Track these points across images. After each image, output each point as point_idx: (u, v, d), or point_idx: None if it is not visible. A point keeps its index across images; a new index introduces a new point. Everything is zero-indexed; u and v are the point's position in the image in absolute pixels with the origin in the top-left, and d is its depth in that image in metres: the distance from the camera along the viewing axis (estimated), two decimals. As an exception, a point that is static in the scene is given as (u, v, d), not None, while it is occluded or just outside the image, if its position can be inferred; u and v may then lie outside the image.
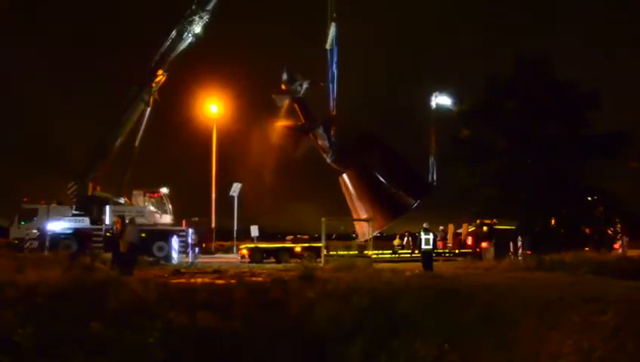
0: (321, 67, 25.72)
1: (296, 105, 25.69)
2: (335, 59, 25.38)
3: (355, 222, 25.88)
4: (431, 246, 18.83)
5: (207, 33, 26.49)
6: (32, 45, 69.96)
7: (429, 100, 28.66)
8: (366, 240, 23.88)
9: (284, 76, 25.49)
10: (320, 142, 25.45)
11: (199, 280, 13.27)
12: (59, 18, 74.80)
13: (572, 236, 23.48)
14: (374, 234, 24.85)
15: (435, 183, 27.42)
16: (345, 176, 25.95)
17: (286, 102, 25.69)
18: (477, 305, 9.33)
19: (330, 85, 25.39)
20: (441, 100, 28.67)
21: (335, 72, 25.42)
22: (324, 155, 25.49)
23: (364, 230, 24.88)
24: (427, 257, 18.47)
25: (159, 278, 13.61)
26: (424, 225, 19.03)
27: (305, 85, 25.68)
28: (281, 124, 25.74)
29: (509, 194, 23.27)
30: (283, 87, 25.60)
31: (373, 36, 74.98)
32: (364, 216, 24.81)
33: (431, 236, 18.85)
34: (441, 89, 29.01)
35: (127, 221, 16.75)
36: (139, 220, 23.07)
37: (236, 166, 39.43)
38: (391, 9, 76.27)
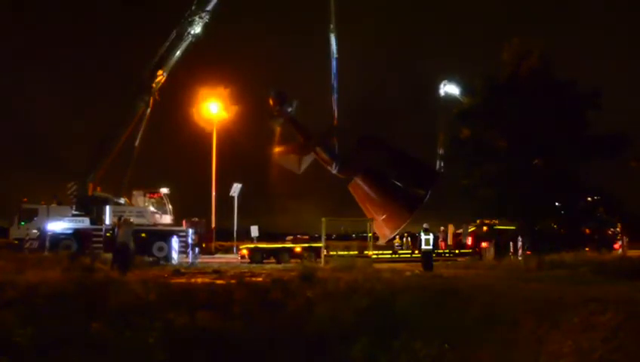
0: (319, 73, 25.68)
1: (291, 125, 25.69)
2: (335, 71, 25.33)
3: (375, 226, 25.71)
4: (431, 247, 18.90)
5: (207, 33, 26.54)
6: (32, 44, 69.99)
7: (435, 91, 28.65)
8: (390, 241, 23.80)
9: (273, 99, 25.37)
10: (322, 155, 25.45)
11: (199, 280, 13.29)
12: (59, 17, 74.83)
13: (572, 236, 23.50)
14: (395, 234, 24.83)
15: (442, 171, 27.39)
16: (353, 183, 25.91)
17: (280, 124, 25.67)
18: (477, 305, 9.34)
19: (333, 96, 25.35)
20: (450, 89, 28.58)
21: (335, 83, 25.37)
22: (329, 168, 25.45)
23: (385, 232, 24.79)
24: (427, 257, 18.53)
25: (159, 278, 13.58)
26: (424, 226, 19.09)
27: (295, 104, 25.61)
28: (280, 147, 25.76)
29: (509, 195, 23.27)
30: (274, 111, 25.47)
31: (374, 36, 74.91)
32: (381, 219, 24.68)
33: (431, 236, 18.91)
34: (450, 77, 28.93)
35: (120, 221, 16.83)
36: (139, 220, 23.16)
37: (236, 166, 39.53)
38: (390, 11, 76.21)
